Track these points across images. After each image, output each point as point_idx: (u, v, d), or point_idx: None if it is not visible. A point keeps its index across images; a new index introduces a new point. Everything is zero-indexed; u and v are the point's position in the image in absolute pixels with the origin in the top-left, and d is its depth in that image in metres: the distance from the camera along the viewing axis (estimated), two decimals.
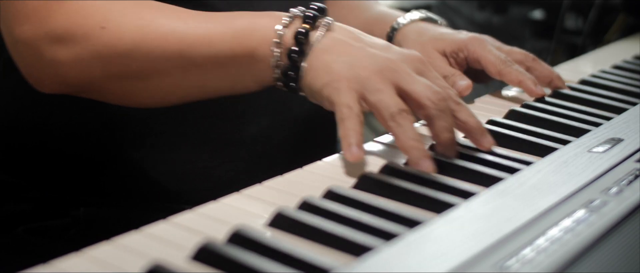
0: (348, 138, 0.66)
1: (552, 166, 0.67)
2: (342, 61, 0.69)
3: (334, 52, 0.69)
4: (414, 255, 0.51)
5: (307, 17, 0.71)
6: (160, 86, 0.75)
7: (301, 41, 0.70)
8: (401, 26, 0.98)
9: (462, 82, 0.89)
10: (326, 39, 0.71)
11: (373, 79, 0.67)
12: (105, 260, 0.51)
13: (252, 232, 0.54)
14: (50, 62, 0.74)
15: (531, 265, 0.50)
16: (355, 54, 0.69)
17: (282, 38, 0.71)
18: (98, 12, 0.74)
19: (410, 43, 0.96)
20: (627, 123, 0.80)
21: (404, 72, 0.68)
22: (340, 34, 0.71)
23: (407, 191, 0.63)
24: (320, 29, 0.71)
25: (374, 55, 0.69)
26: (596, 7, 1.33)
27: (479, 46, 0.92)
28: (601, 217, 0.57)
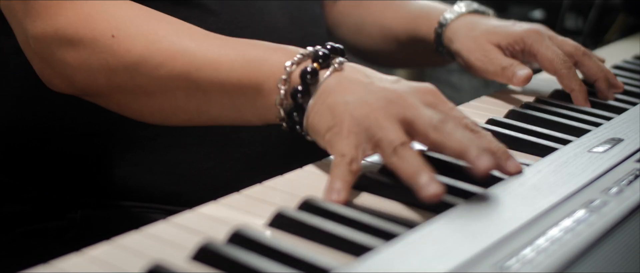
0: (332, 183, 0.62)
1: (552, 166, 0.67)
2: (346, 101, 0.64)
3: (339, 92, 0.65)
4: (414, 255, 0.51)
5: (318, 56, 0.67)
6: (163, 105, 0.74)
7: (307, 81, 0.66)
8: (449, 21, 0.95)
9: (522, 72, 0.88)
10: (333, 78, 0.66)
11: (376, 116, 0.63)
12: (105, 260, 0.51)
13: (252, 232, 0.54)
14: (59, 62, 0.74)
15: (531, 265, 0.50)
16: (360, 92, 0.65)
17: (289, 75, 0.67)
18: (110, 19, 0.73)
19: (461, 39, 0.94)
20: (627, 123, 0.80)
21: (409, 104, 0.63)
22: (350, 73, 0.67)
23: (407, 191, 0.63)
24: (329, 69, 0.67)
25: (381, 90, 0.65)
26: (596, 7, 1.33)
27: (537, 40, 0.90)
28: (601, 217, 0.57)
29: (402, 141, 0.62)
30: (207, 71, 0.70)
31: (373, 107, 0.63)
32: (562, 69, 0.89)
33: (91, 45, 0.72)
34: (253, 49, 0.71)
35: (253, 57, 0.70)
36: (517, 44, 0.91)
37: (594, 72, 0.92)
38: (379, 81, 0.66)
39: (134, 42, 0.71)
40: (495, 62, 0.90)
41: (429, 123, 0.62)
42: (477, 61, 0.92)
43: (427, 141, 0.63)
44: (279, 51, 0.70)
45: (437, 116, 0.63)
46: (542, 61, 0.90)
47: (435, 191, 0.59)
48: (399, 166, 0.61)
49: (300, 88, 0.66)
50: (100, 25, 0.72)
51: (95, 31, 0.72)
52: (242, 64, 0.69)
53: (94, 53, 0.72)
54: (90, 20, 0.73)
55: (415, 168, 0.60)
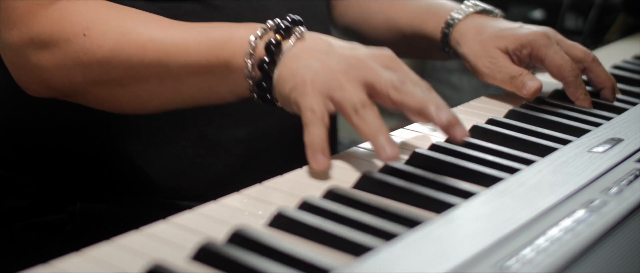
0: (312, 146, 0.66)
1: (552, 166, 0.67)
2: (309, 65, 0.69)
3: (302, 58, 0.70)
4: (414, 255, 0.51)
5: (280, 28, 0.71)
6: (139, 94, 0.77)
7: (272, 51, 0.70)
8: (457, 22, 0.94)
9: (531, 83, 0.87)
10: (296, 48, 0.71)
11: (338, 78, 0.67)
12: (105, 260, 0.51)
13: (252, 232, 0.54)
14: (35, 67, 0.76)
15: (531, 265, 0.50)
16: (321, 57, 0.69)
17: (254, 49, 0.71)
18: (81, 18, 0.75)
19: (469, 42, 0.93)
20: (627, 123, 0.80)
21: (370, 68, 0.68)
22: (311, 41, 0.71)
23: (407, 191, 0.63)
24: (291, 39, 0.71)
25: (341, 55, 0.69)
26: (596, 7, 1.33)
27: (545, 45, 0.89)
28: (601, 217, 0.57)
29: (362, 102, 0.66)
30: (176, 56, 0.73)
31: (334, 70, 0.68)
32: (570, 76, 0.88)
33: (65, 45, 0.75)
34: (217, 29, 0.74)
35: (218, 36, 0.73)
36: (524, 48, 0.90)
37: (602, 80, 0.92)
38: (340, 48, 0.70)
39: (105, 37, 0.74)
40: (503, 70, 0.89)
41: (389, 83, 0.67)
42: (484, 67, 0.91)
43: (388, 101, 0.67)
44: (241, 27, 0.74)
45: (396, 77, 0.68)
46: (549, 67, 0.89)
47: (392, 152, 0.65)
48: (359, 125, 0.66)
49: (266, 59, 0.70)
50: (73, 26, 0.75)
51: (68, 32, 0.75)
52: (208, 45, 0.73)
53: (68, 53, 0.75)
54: (62, 21, 0.75)
55: (375, 128, 0.66)
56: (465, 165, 0.69)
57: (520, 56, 0.90)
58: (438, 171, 0.67)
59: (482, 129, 0.79)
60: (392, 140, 0.65)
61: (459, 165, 0.69)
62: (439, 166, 0.69)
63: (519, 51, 0.90)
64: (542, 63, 0.89)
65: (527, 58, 0.90)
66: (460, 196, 0.62)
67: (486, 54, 0.91)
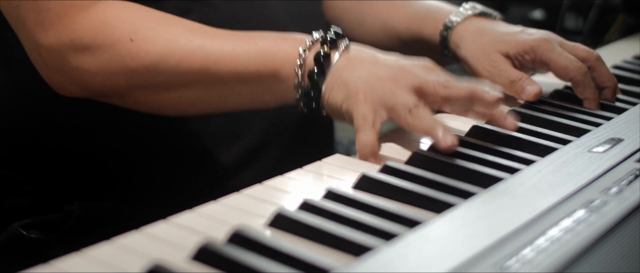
0: (363, 150, 0.71)
1: (552, 166, 0.67)
2: (358, 76, 0.72)
3: (350, 69, 0.73)
4: (414, 255, 0.51)
5: (326, 41, 0.75)
6: (184, 99, 0.78)
7: (321, 63, 0.74)
8: (455, 24, 0.94)
9: (531, 88, 0.87)
10: (343, 59, 0.74)
11: (388, 86, 0.71)
12: (105, 260, 0.51)
13: (252, 232, 0.54)
14: (75, 69, 0.76)
15: (531, 265, 0.50)
16: (369, 68, 0.73)
17: (304, 60, 0.74)
18: (127, 24, 0.75)
19: (468, 45, 0.92)
20: (627, 123, 0.80)
21: (416, 74, 0.72)
22: (356, 53, 0.75)
23: (407, 191, 0.63)
24: (340, 50, 0.75)
25: (387, 65, 0.73)
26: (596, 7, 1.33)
27: (548, 49, 0.88)
28: (601, 217, 0.57)
29: (415, 103, 0.70)
30: (225, 64, 0.75)
31: (384, 79, 0.72)
32: (577, 76, 0.88)
33: (110, 50, 0.75)
34: (264, 40, 0.77)
35: (266, 47, 0.76)
36: (527, 53, 0.89)
37: (605, 79, 0.91)
38: (384, 59, 0.74)
39: (152, 43, 0.75)
40: (503, 74, 0.89)
41: (436, 83, 0.72)
42: (485, 71, 0.90)
43: (438, 97, 0.72)
44: (288, 38, 0.77)
45: (441, 77, 0.72)
46: (555, 70, 0.88)
47: (452, 141, 0.69)
48: (416, 124, 0.70)
49: (316, 70, 0.74)
50: (118, 31, 0.75)
51: (113, 36, 0.75)
52: (257, 54, 0.75)
53: (114, 57, 0.75)
54: (106, 26, 0.75)
55: (431, 123, 0.70)
56: (465, 165, 0.69)
57: (522, 62, 0.90)
58: (438, 171, 0.67)
59: (482, 129, 0.79)
60: (449, 131, 0.70)
61: (459, 165, 0.69)
62: (439, 166, 0.69)
63: (521, 57, 0.89)
64: (548, 67, 0.89)
65: (529, 63, 0.90)
66: (460, 196, 0.62)
67: (486, 57, 0.90)
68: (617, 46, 1.26)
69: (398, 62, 0.74)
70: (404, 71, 0.72)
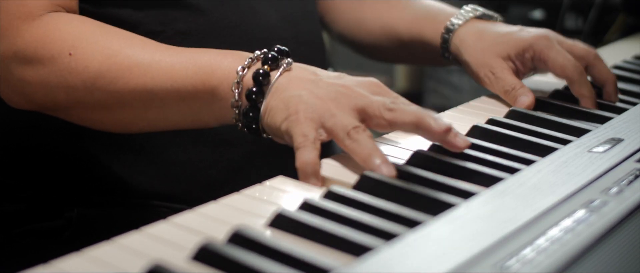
0: (304, 170, 0.66)
1: (552, 166, 0.67)
2: (299, 95, 0.69)
3: (291, 89, 0.70)
4: (414, 255, 0.51)
5: (267, 59, 0.72)
6: (123, 117, 0.77)
7: (260, 82, 0.71)
8: (457, 28, 0.94)
9: (524, 98, 0.87)
10: (283, 78, 0.71)
11: (328, 106, 0.68)
12: (105, 260, 0.51)
13: (252, 232, 0.54)
14: (19, 81, 0.76)
15: (531, 265, 0.50)
16: (310, 87, 0.69)
17: (242, 79, 0.72)
18: (67, 37, 0.75)
19: (469, 50, 0.92)
20: (627, 123, 0.80)
21: (359, 94, 0.69)
22: (298, 72, 0.72)
23: (407, 191, 0.63)
24: (279, 69, 0.72)
25: (330, 85, 0.70)
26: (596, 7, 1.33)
27: (546, 46, 0.89)
28: (601, 217, 0.57)
29: (354, 125, 0.66)
30: (162, 81, 0.74)
31: (324, 99, 0.68)
32: (574, 74, 0.88)
33: (49, 63, 0.75)
34: (204, 56, 0.74)
35: (205, 63, 0.74)
36: (526, 52, 0.90)
37: (604, 76, 0.91)
38: (327, 78, 0.71)
39: (90, 58, 0.74)
40: (500, 83, 0.89)
41: (381, 105, 0.67)
42: (485, 77, 0.91)
43: (382, 121, 0.68)
44: (228, 55, 0.74)
45: (387, 99, 0.68)
46: (553, 68, 0.89)
47: (389, 172, 0.64)
48: (354, 149, 0.66)
49: (254, 89, 0.71)
50: (58, 44, 0.75)
51: (53, 50, 0.75)
52: (194, 71, 0.73)
53: (53, 71, 0.75)
54: (47, 39, 0.75)
55: (368, 150, 0.65)
56: (465, 165, 0.69)
57: (523, 60, 0.90)
58: (438, 171, 0.67)
59: (482, 129, 0.79)
60: (386, 160, 0.65)
61: (459, 165, 0.69)
62: (439, 166, 0.69)
63: (521, 56, 0.90)
64: (546, 65, 0.89)
65: (529, 62, 0.90)
66: (460, 196, 0.62)
67: (486, 63, 0.91)
68: (617, 46, 1.26)
69: (342, 80, 0.71)
70: (347, 91, 0.69)
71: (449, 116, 0.85)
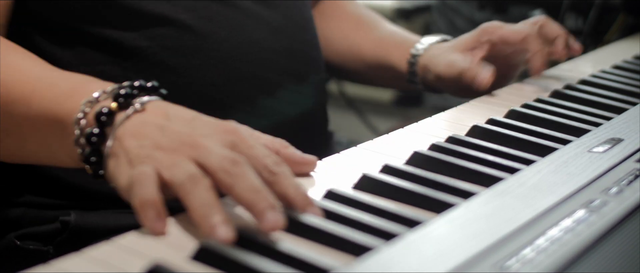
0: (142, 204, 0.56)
1: (552, 166, 0.67)
2: (140, 146, 0.59)
3: (135, 136, 0.60)
4: (414, 255, 0.51)
5: (118, 95, 0.62)
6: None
7: (102, 122, 0.61)
8: (422, 52, 0.99)
9: (484, 72, 0.92)
10: (132, 121, 0.61)
11: (168, 157, 0.58)
12: (105, 260, 0.51)
13: (252, 232, 0.54)
14: None
15: (531, 265, 0.50)
16: (155, 136, 0.60)
17: (86, 115, 0.63)
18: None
19: (434, 60, 0.97)
20: (627, 123, 0.80)
21: (202, 146, 0.59)
22: (149, 116, 0.62)
23: (407, 191, 0.63)
24: (130, 110, 0.62)
25: (176, 133, 0.60)
26: (596, 7, 1.33)
27: (496, 26, 0.96)
28: (601, 217, 0.57)
29: (191, 176, 0.56)
30: (19, 105, 0.67)
31: (166, 149, 0.59)
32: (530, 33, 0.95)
33: None
34: (67, 81, 0.67)
35: (62, 91, 0.66)
36: (481, 36, 0.95)
37: (555, 31, 0.97)
38: (177, 124, 0.61)
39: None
40: (458, 65, 0.94)
41: (219, 164, 0.57)
42: (443, 72, 0.96)
43: (218, 183, 0.57)
44: (90, 83, 0.66)
45: (229, 157, 0.58)
46: (509, 35, 0.95)
47: (225, 236, 0.53)
48: (187, 200, 0.56)
49: (95, 131, 0.62)
50: None
51: None
52: (51, 98, 0.66)
53: None
54: None
55: (205, 204, 0.55)
56: (465, 165, 0.69)
57: (481, 46, 0.96)
58: (438, 171, 0.67)
59: (482, 129, 0.79)
60: (227, 219, 0.54)
61: (459, 165, 0.69)
62: (439, 166, 0.69)
63: (477, 42, 0.96)
64: (504, 40, 0.95)
65: (487, 45, 0.96)
66: (460, 196, 0.62)
67: (444, 59, 0.96)
68: (617, 46, 1.26)
69: (190, 128, 0.60)
70: (190, 141, 0.59)
71: (449, 116, 0.85)
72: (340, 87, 1.76)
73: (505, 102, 0.91)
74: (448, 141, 0.75)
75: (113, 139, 0.61)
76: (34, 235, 0.83)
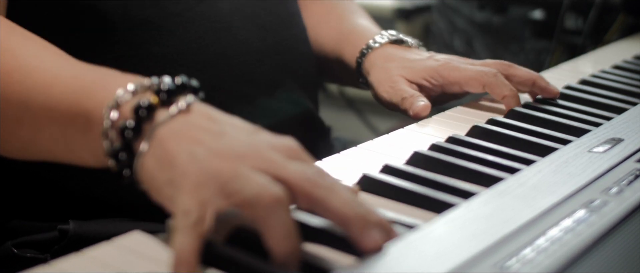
0: (178, 259, 0.50)
1: (552, 166, 0.67)
2: (192, 151, 0.53)
3: (183, 140, 0.54)
4: (413, 255, 0.51)
5: (160, 90, 0.56)
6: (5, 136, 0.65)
7: (140, 116, 0.55)
8: (369, 52, 0.94)
9: (420, 103, 0.85)
10: (177, 121, 0.55)
11: (232, 165, 0.52)
12: (105, 260, 0.51)
13: (252, 232, 0.54)
14: None
15: (531, 265, 0.50)
16: (209, 142, 0.53)
17: (120, 106, 0.56)
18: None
19: (376, 70, 0.92)
20: (627, 123, 0.80)
21: (272, 159, 0.53)
22: (197, 118, 0.55)
23: (407, 191, 0.63)
24: (173, 108, 0.56)
25: (235, 140, 0.54)
26: (596, 7, 1.33)
27: (453, 68, 0.88)
28: (601, 217, 0.57)
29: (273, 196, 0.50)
30: (37, 93, 0.62)
31: (226, 157, 0.52)
32: (489, 78, 0.86)
33: None
34: (94, 73, 0.62)
35: (89, 81, 0.60)
36: (433, 78, 0.89)
37: (526, 77, 0.89)
38: (233, 130, 0.55)
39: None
40: (398, 93, 0.88)
41: (303, 176, 0.52)
42: (385, 93, 0.90)
43: (304, 198, 0.52)
44: (120, 76, 0.60)
45: (310, 170, 0.53)
46: (466, 83, 0.87)
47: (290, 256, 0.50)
48: (264, 225, 0.50)
49: (131, 124, 0.55)
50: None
51: None
52: (75, 88, 0.60)
53: None
54: None
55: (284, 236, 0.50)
56: (465, 165, 0.69)
57: (431, 87, 0.89)
58: (438, 171, 0.67)
59: (482, 129, 0.79)
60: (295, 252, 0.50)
61: (459, 165, 0.69)
62: (439, 166, 0.69)
63: (428, 82, 0.89)
64: (459, 86, 0.88)
65: (439, 88, 0.89)
66: (460, 196, 0.62)
67: (388, 80, 0.90)
68: (617, 46, 1.26)
69: (250, 138, 0.55)
70: (256, 152, 0.53)
71: (449, 116, 0.85)
72: (340, 87, 1.75)
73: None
74: (448, 141, 0.75)
75: (153, 139, 0.54)
76: (32, 243, 0.82)
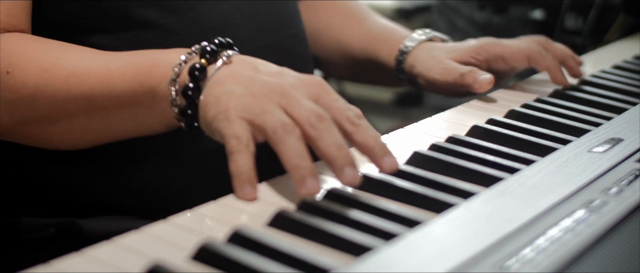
0: (239, 176, 0.61)
1: (552, 166, 0.67)
2: (232, 90, 0.65)
3: (227, 83, 0.66)
4: (414, 255, 0.51)
5: (206, 52, 0.68)
6: (69, 129, 0.75)
7: (196, 77, 0.67)
8: (410, 49, 0.97)
9: (483, 76, 0.89)
10: (221, 72, 0.67)
11: (259, 103, 0.64)
12: (105, 260, 0.51)
13: (252, 232, 0.54)
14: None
15: (531, 265, 0.50)
16: (245, 82, 0.66)
17: (178, 75, 0.68)
18: (5, 56, 0.73)
19: (422, 60, 0.95)
20: (627, 123, 0.80)
21: (291, 96, 0.64)
22: (238, 65, 0.68)
23: (407, 191, 0.63)
24: (218, 62, 0.68)
25: (265, 81, 0.66)
26: (596, 7, 1.33)
27: (495, 43, 0.93)
28: (601, 217, 0.57)
29: (284, 123, 0.62)
30: (100, 88, 0.71)
31: (256, 95, 0.64)
32: (533, 51, 0.92)
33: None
34: (142, 57, 0.72)
35: (143, 64, 0.71)
36: (478, 54, 0.93)
37: (560, 54, 0.96)
38: (266, 74, 0.67)
39: (28, 74, 0.72)
40: (454, 71, 0.91)
41: (306, 117, 0.63)
42: (437, 74, 0.93)
43: (304, 134, 0.63)
44: (167, 53, 0.71)
45: (316, 112, 0.63)
46: (512, 56, 0.92)
47: (312, 187, 0.60)
48: (279, 148, 0.61)
49: (191, 85, 0.67)
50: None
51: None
52: (132, 74, 0.71)
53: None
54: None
55: (297, 154, 0.61)
56: (465, 165, 0.69)
57: (477, 63, 0.93)
58: (438, 171, 0.67)
59: (482, 129, 0.79)
60: (314, 172, 0.61)
61: (459, 165, 0.69)
62: (439, 166, 0.69)
63: (474, 58, 0.93)
64: (504, 60, 0.93)
65: (484, 64, 0.93)
66: (460, 196, 0.62)
67: (438, 63, 0.93)
68: (617, 46, 1.26)
69: (278, 77, 0.66)
70: (281, 90, 0.65)
71: (449, 116, 0.86)
72: (340, 87, 1.75)
73: (505, 102, 0.91)
74: (448, 141, 0.75)
75: (207, 90, 0.66)
76: (31, 242, 0.82)
